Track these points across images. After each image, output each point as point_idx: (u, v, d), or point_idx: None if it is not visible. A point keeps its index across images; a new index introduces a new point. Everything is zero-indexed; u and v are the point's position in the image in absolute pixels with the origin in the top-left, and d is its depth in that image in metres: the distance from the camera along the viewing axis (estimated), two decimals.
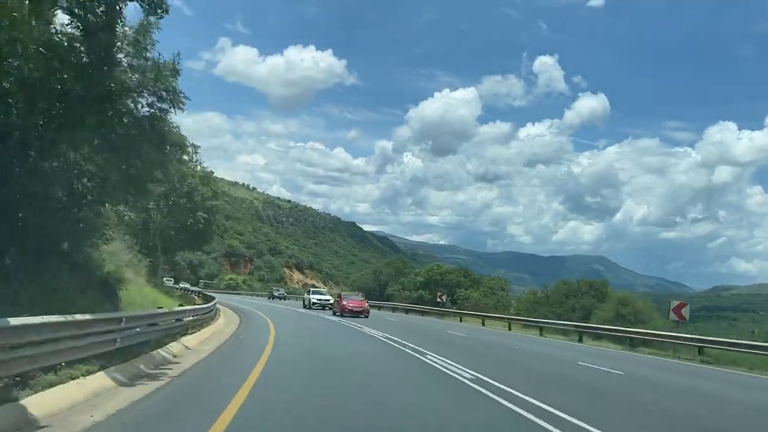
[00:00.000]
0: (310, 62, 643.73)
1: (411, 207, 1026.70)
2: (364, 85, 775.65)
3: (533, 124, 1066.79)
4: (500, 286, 60.53)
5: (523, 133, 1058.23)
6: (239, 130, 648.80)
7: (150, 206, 37.18)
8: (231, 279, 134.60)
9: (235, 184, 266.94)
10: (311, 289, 56.42)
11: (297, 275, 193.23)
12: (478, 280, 62.68)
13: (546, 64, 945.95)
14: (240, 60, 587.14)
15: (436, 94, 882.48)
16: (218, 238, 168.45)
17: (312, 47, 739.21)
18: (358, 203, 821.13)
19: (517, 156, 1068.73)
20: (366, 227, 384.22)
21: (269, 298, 69.94)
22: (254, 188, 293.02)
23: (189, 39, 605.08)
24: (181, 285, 70.13)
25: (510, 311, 42.63)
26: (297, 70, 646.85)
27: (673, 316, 23.28)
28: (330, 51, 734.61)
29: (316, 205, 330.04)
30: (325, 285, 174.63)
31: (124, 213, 32.45)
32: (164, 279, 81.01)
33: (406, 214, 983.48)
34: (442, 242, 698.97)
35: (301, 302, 48.01)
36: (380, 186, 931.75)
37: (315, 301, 43.73)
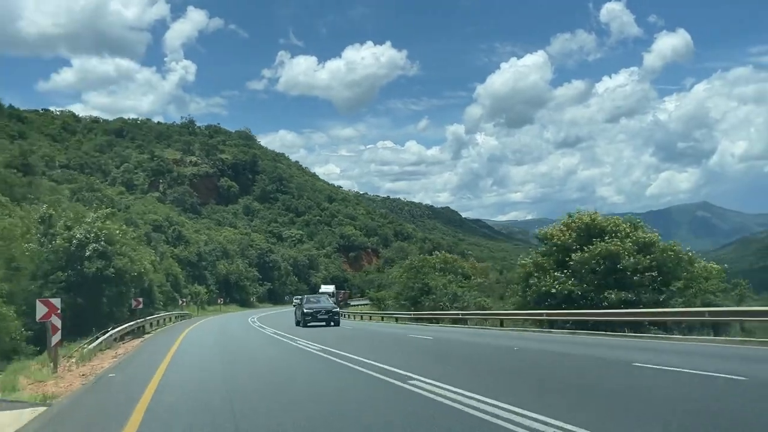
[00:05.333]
0: (370, 59, 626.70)
1: (492, 188, 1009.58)
2: (425, 74, 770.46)
3: (610, 77, 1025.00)
4: None
5: (601, 87, 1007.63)
6: (311, 143, 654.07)
7: None
8: None
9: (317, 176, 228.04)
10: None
11: None
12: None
13: (614, 11, 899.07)
14: (300, 71, 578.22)
15: (503, 65, 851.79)
16: (326, 228, 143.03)
17: (370, 43, 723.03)
18: (438, 193, 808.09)
19: (597, 113, 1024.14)
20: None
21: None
22: (339, 186, 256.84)
23: (249, 58, 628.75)
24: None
25: None
26: (358, 69, 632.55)
27: None
28: (389, 43, 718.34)
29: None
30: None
31: None
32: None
33: (489, 195, 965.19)
34: (529, 217, 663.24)
35: None
36: (458, 172, 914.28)
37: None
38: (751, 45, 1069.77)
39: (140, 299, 30.06)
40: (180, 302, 56.27)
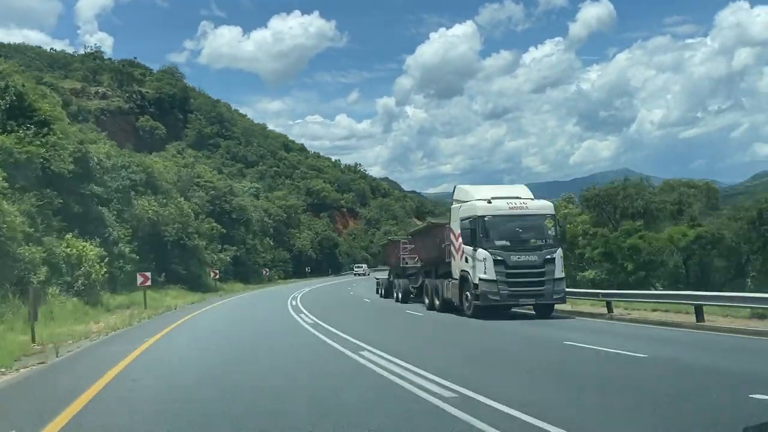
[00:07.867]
0: (298, 29, 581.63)
1: (423, 160, 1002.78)
2: (354, 46, 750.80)
3: (537, 47, 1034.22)
4: None
5: (528, 58, 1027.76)
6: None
7: None
8: None
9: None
10: None
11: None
12: None
13: None
14: (224, 42, 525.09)
15: (432, 35, 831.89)
16: (288, 182, 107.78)
17: (297, 12, 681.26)
18: (369, 167, 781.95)
19: (524, 84, 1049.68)
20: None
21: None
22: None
23: (170, 30, 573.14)
24: None
25: None
26: (286, 40, 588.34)
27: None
28: (317, 13, 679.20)
29: None
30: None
31: None
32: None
33: (419, 168, 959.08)
34: None
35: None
36: (389, 145, 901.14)
37: None
38: (667, 15, 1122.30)
39: None
40: None
